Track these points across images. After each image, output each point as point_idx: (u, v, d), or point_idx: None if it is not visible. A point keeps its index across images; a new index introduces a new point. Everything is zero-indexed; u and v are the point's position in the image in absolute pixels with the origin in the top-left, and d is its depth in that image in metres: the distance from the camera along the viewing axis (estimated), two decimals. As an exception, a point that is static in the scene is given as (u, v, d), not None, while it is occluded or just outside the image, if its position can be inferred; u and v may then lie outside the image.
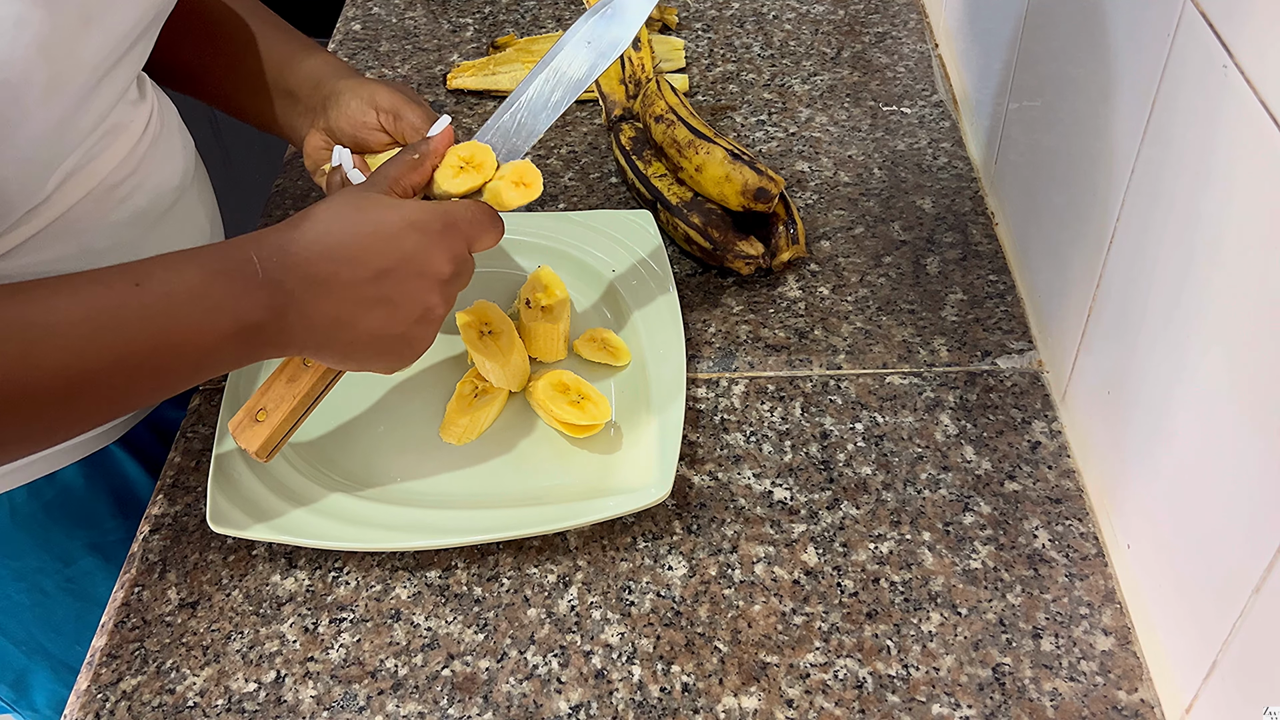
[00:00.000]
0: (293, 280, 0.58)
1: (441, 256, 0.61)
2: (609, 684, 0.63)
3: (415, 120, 0.70)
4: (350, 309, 0.59)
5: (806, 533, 0.69)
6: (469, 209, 0.63)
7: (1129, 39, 0.64)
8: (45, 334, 0.53)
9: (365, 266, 0.59)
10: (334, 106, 0.73)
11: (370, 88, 0.72)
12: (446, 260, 0.61)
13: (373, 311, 0.60)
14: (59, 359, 0.53)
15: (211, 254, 0.58)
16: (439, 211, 0.61)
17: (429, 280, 0.61)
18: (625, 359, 0.77)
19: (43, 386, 0.53)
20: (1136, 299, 0.63)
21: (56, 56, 0.57)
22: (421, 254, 0.60)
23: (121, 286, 0.55)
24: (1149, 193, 0.61)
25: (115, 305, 0.54)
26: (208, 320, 0.56)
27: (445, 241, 0.61)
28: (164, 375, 0.57)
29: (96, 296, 0.54)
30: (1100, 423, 0.69)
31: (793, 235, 0.85)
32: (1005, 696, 0.61)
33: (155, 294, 0.55)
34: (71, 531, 0.78)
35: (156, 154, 0.73)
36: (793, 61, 1.08)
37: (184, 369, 0.58)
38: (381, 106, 0.71)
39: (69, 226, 0.66)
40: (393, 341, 0.62)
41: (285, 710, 0.62)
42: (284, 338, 0.59)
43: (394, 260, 0.59)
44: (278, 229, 0.59)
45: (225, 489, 0.69)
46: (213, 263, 0.57)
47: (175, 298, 0.55)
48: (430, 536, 0.67)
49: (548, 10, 1.18)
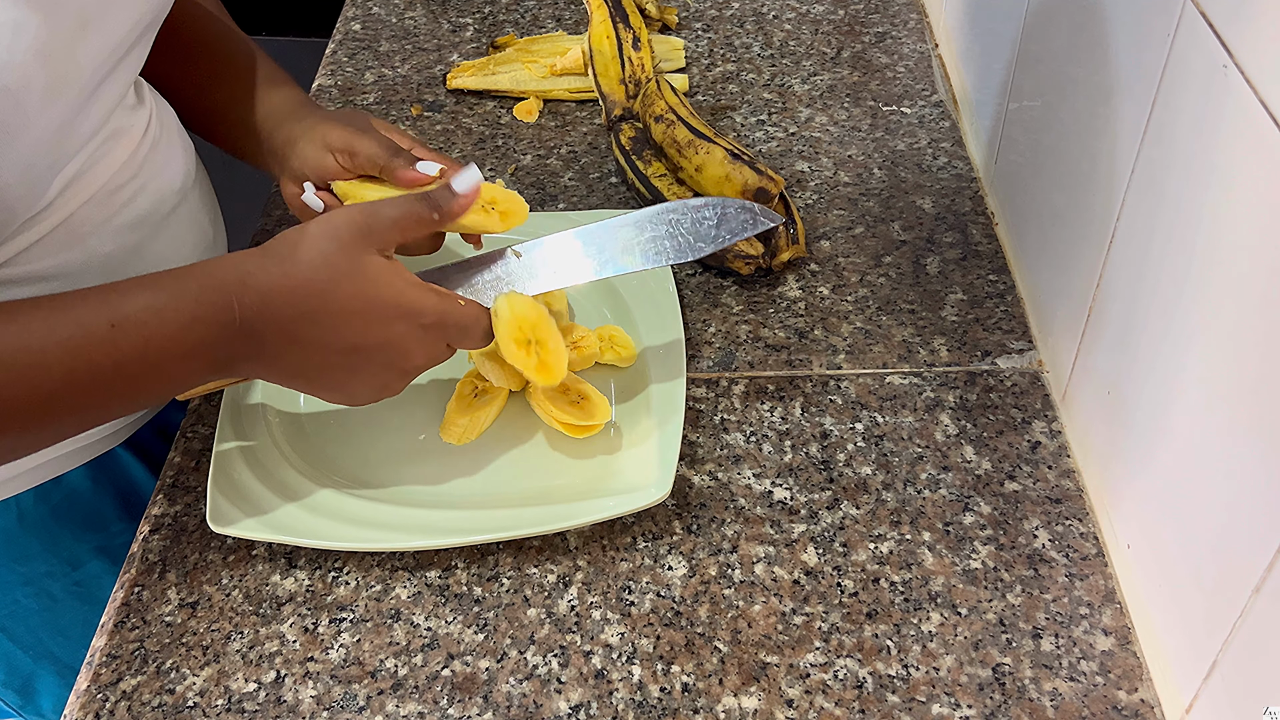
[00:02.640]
0: (270, 333, 0.58)
1: (419, 352, 0.62)
2: (609, 684, 0.63)
3: (370, 151, 0.69)
4: (316, 367, 0.61)
5: (806, 533, 0.69)
6: (470, 314, 0.63)
7: (1129, 39, 0.64)
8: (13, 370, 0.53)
9: (342, 339, 0.60)
10: (292, 155, 0.72)
11: (321, 130, 0.71)
12: (422, 356, 0.62)
13: (333, 374, 0.62)
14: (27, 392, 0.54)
15: (193, 292, 0.57)
16: (436, 309, 0.61)
17: (396, 368, 0.62)
18: (631, 359, 0.77)
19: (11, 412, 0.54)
20: (1136, 299, 0.63)
21: (55, 61, 0.57)
22: (398, 345, 0.61)
23: (99, 327, 0.55)
24: (1149, 193, 0.61)
25: (90, 345, 0.55)
26: (182, 361, 0.58)
27: (428, 339, 0.62)
28: (133, 401, 0.60)
29: (72, 335, 0.55)
30: (1100, 423, 0.69)
31: (793, 235, 0.85)
32: (1005, 696, 0.61)
33: (132, 338, 0.55)
34: (79, 535, 0.78)
35: (157, 158, 0.73)
36: (793, 61, 1.08)
37: (153, 396, 0.60)
38: (334, 146, 0.70)
39: (73, 231, 0.66)
40: (341, 397, 0.64)
41: (285, 710, 0.62)
42: (249, 371, 0.62)
43: (371, 342, 0.60)
44: (267, 268, 0.58)
45: (225, 489, 0.69)
46: (193, 306, 0.57)
47: (152, 343, 0.56)
48: (430, 536, 0.67)
49: (548, 10, 1.18)
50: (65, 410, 0.56)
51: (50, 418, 0.56)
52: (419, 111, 1.04)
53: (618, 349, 0.77)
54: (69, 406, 0.56)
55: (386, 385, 0.63)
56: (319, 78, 1.10)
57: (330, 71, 1.10)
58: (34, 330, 0.54)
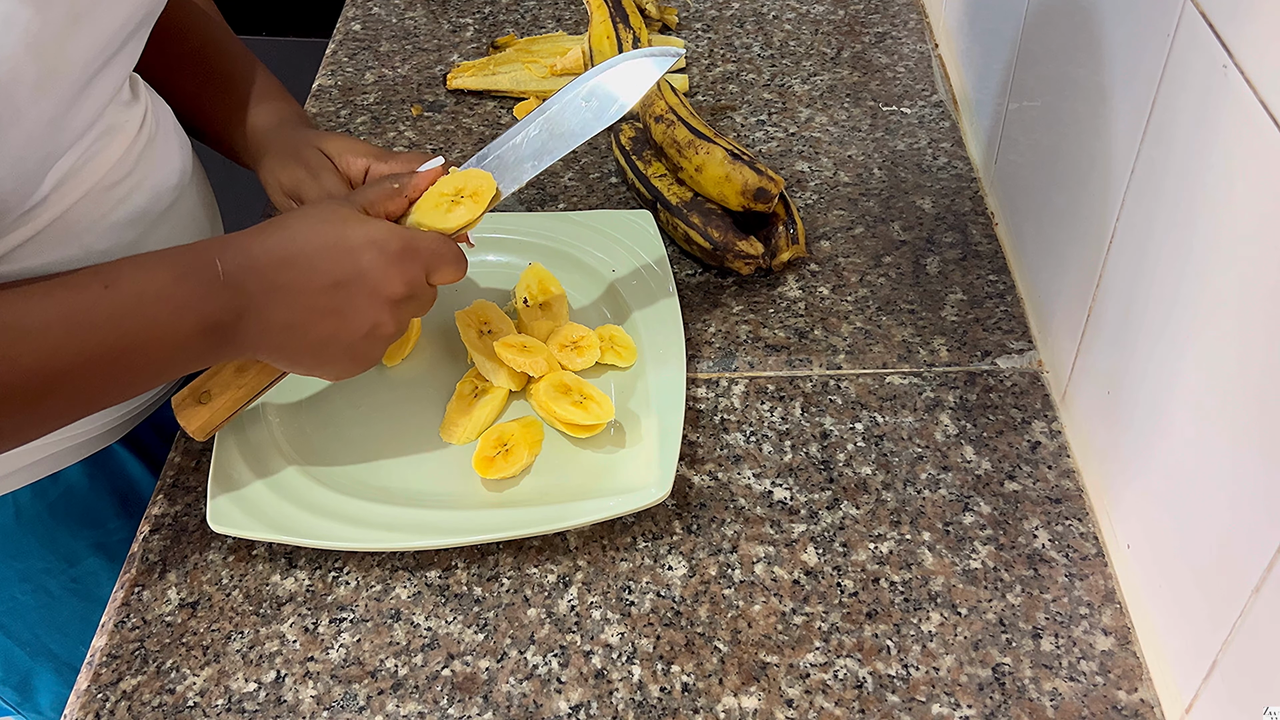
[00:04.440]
0: (253, 283, 0.60)
1: (396, 278, 0.62)
2: (609, 684, 0.63)
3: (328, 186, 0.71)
4: (302, 315, 0.62)
5: (806, 533, 0.69)
6: (432, 239, 0.64)
7: (1129, 39, 0.64)
8: (18, 335, 0.55)
9: (320, 276, 0.61)
10: (269, 175, 0.75)
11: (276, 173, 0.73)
12: (400, 282, 0.63)
13: (323, 320, 0.62)
14: (33, 359, 0.55)
15: (179, 256, 0.60)
16: (401, 235, 0.63)
17: (380, 299, 0.62)
18: (631, 359, 0.77)
19: (16, 386, 0.55)
20: (1136, 299, 0.63)
21: (46, 55, 0.57)
22: (376, 272, 0.62)
23: (93, 288, 0.57)
24: (1149, 193, 0.61)
25: (86, 306, 0.57)
26: (174, 319, 0.59)
27: (401, 264, 0.62)
28: (133, 374, 0.60)
29: (68, 299, 0.57)
30: (1100, 423, 0.69)
31: (793, 235, 0.85)
32: (1005, 696, 0.61)
33: (125, 294, 0.58)
34: (76, 532, 0.78)
35: (153, 154, 0.73)
36: (793, 61, 1.08)
37: (151, 368, 0.60)
38: (285, 190, 0.73)
39: (68, 228, 0.66)
40: (340, 352, 0.64)
41: (285, 710, 0.62)
42: (242, 339, 0.61)
43: (348, 274, 0.61)
44: (247, 232, 0.62)
45: (225, 489, 0.69)
46: (179, 265, 0.59)
47: (144, 298, 0.58)
48: (430, 536, 0.67)
49: (548, 10, 1.18)
50: (67, 378, 0.57)
51: (52, 387, 0.57)
52: (419, 111, 1.04)
53: (618, 349, 0.77)
54: (70, 374, 0.57)
55: (377, 323, 0.63)
56: (319, 78, 1.10)
57: (330, 71, 1.10)
58: (32, 297, 0.56)
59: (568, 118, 0.68)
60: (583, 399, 0.72)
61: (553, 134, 0.68)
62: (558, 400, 0.72)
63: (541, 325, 0.78)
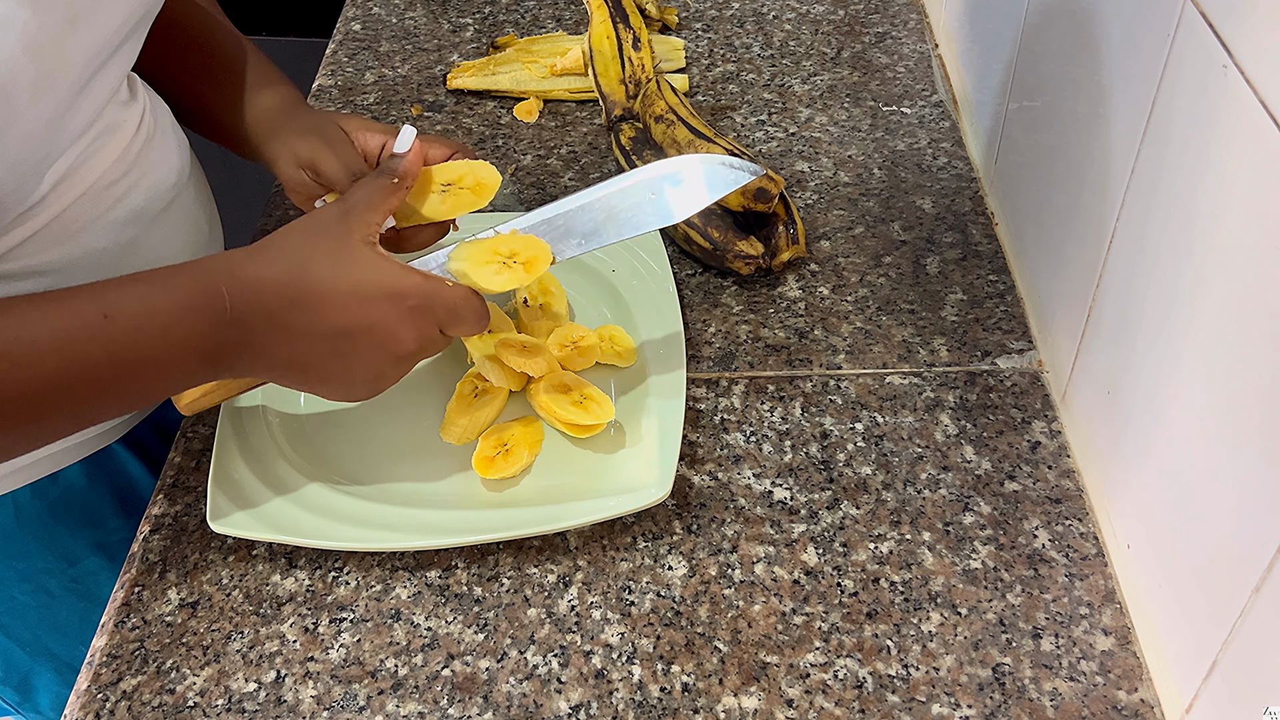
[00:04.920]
0: (259, 322, 0.58)
1: (408, 334, 0.61)
2: (609, 684, 0.63)
3: (330, 171, 0.69)
4: (306, 355, 0.60)
5: (806, 533, 0.69)
6: (457, 296, 0.62)
7: (1129, 39, 0.64)
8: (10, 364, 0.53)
9: (329, 322, 0.59)
10: (278, 173, 0.73)
11: (292, 145, 0.72)
12: (412, 339, 0.61)
13: (326, 363, 0.61)
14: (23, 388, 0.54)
15: (183, 282, 0.58)
16: (420, 290, 0.60)
17: (387, 353, 0.61)
18: (631, 359, 0.77)
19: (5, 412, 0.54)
20: (1136, 299, 0.63)
21: (44, 56, 0.57)
22: (387, 327, 0.60)
23: (90, 315, 0.55)
24: (1149, 193, 0.61)
25: (84, 337, 0.55)
26: (173, 352, 0.57)
27: (415, 320, 0.61)
28: (127, 399, 0.59)
29: (65, 326, 0.55)
30: (1100, 423, 0.69)
31: (793, 235, 0.85)
32: (1005, 696, 0.61)
33: (124, 327, 0.56)
34: (76, 531, 0.78)
35: (151, 153, 0.73)
36: (793, 61, 1.08)
37: (147, 394, 0.60)
38: (302, 162, 0.71)
39: (67, 227, 0.66)
40: (339, 389, 0.63)
41: (285, 710, 0.62)
42: (242, 368, 0.61)
43: (359, 324, 0.60)
44: (257, 258, 0.59)
45: (225, 489, 0.69)
46: (184, 296, 0.57)
47: (143, 332, 0.56)
48: (430, 536, 0.67)
49: (548, 10, 1.18)
50: (59, 403, 0.56)
51: (44, 411, 0.56)
52: (419, 111, 1.04)
53: (618, 349, 0.77)
54: (63, 399, 0.56)
55: (380, 374, 0.62)
56: (319, 78, 1.10)
57: (330, 71, 1.10)
58: (28, 321, 0.54)
59: (627, 208, 0.67)
60: (583, 399, 0.72)
61: (609, 218, 0.67)
62: (558, 400, 0.72)
63: (541, 325, 0.78)
